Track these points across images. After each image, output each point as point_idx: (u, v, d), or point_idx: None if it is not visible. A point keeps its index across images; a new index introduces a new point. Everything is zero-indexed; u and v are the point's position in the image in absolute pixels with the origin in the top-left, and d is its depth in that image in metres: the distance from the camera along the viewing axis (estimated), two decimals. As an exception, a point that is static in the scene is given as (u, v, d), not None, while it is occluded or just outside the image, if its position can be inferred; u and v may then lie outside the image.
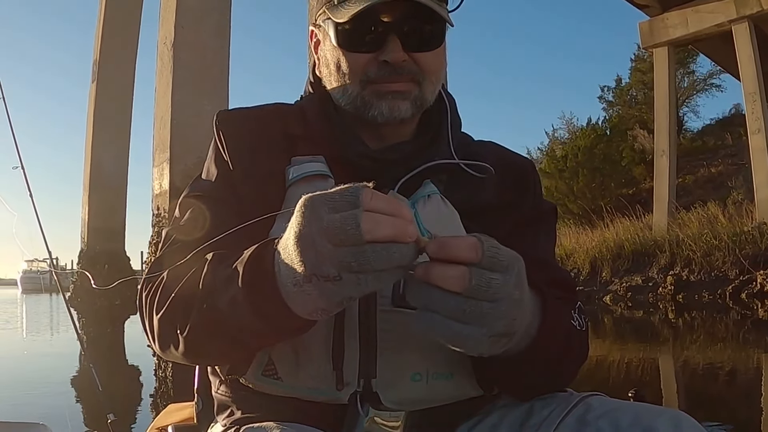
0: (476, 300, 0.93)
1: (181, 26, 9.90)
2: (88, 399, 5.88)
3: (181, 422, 1.86)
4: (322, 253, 0.90)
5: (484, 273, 0.93)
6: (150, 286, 1.27)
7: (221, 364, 1.34)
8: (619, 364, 8.20)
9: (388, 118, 1.31)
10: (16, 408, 5.78)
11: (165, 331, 1.21)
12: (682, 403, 5.93)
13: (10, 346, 11.73)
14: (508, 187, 1.45)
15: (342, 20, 1.26)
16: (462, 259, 0.92)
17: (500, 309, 0.95)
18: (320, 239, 0.90)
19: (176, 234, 1.36)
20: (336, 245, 0.89)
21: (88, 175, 17.89)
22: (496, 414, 1.32)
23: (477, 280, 0.92)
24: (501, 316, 0.96)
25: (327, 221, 0.90)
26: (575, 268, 18.62)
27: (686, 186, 23.08)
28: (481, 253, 0.93)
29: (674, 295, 15.67)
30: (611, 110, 32.43)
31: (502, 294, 0.95)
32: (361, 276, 0.89)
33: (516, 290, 0.98)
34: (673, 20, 19.19)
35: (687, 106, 31.10)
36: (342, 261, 0.89)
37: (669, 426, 1.06)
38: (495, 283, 0.93)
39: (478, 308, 0.93)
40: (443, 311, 0.93)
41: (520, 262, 1.00)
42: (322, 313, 0.98)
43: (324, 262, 0.90)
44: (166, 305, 1.20)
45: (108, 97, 17.39)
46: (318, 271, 0.91)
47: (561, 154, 27.09)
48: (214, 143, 1.45)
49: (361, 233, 0.87)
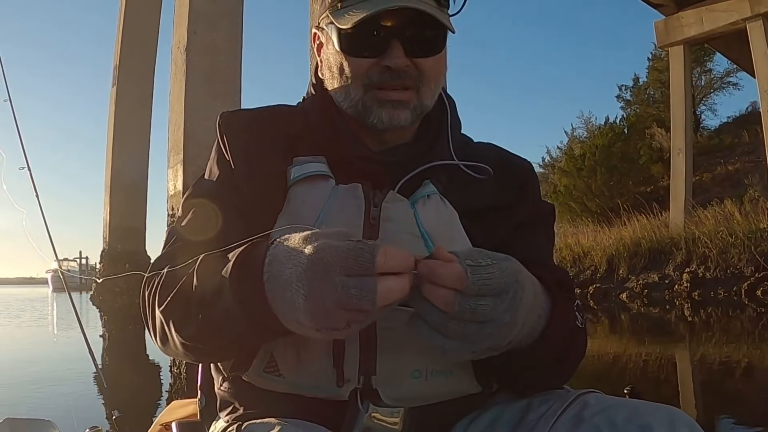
0: (461, 321, 0.98)
1: (193, 31, 9.97)
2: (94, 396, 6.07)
3: (185, 418, 1.91)
4: (332, 315, 0.97)
5: (469, 300, 0.97)
6: (152, 284, 1.29)
7: (221, 362, 1.37)
8: (636, 360, 8.28)
9: (387, 125, 1.33)
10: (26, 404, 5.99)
11: (165, 330, 1.24)
12: (699, 399, 6.01)
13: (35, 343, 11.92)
14: (507, 189, 1.46)
15: (346, 26, 1.27)
16: (448, 287, 0.97)
17: (486, 331, 0.99)
18: (333, 306, 0.96)
19: (179, 233, 1.39)
20: (347, 311, 0.96)
21: (109, 176, 18.05)
22: (495, 410, 1.33)
23: (460, 307, 0.96)
24: (487, 337, 1.01)
25: (341, 290, 0.95)
26: (592, 265, 18.61)
27: (703, 184, 22.88)
28: (467, 283, 0.96)
29: (690, 292, 15.57)
30: (629, 109, 32.27)
31: (490, 317, 0.99)
32: (360, 318, 0.98)
33: (507, 314, 1.01)
34: (688, 19, 19.05)
35: (704, 105, 30.90)
36: (352, 320, 0.97)
37: (664, 422, 1.06)
38: (482, 309, 0.98)
39: (462, 328, 0.98)
40: (430, 323, 0.99)
41: (517, 285, 1.04)
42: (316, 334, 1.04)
43: (333, 321, 0.97)
44: (165, 304, 1.22)
45: (128, 100, 17.55)
46: (327, 325, 0.98)
47: (579, 153, 27.01)
48: (217, 144, 1.47)
49: (375, 303, 0.94)
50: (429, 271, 0.96)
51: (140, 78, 17.69)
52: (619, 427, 1.08)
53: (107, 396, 2.72)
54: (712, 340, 9.98)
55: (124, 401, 5.90)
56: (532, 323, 1.14)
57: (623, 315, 14.43)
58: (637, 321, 13.45)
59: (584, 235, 20.74)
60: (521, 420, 1.25)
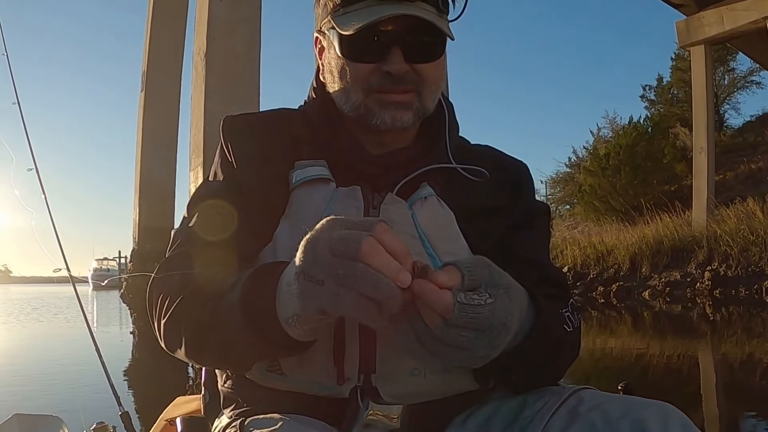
0: (439, 342, 0.97)
1: (213, 37, 10.03)
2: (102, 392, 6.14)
3: (189, 414, 1.92)
4: (318, 257, 0.94)
5: (450, 329, 0.96)
6: (158, 287, 1.30)
7: (221, 369, 1.42)
8: (658, 357, 8.25)
9: (390, 127, 1.34)
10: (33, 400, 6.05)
11: (171, 332, 1.25)
12: (721, 396, 5.99)
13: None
14: (502, 190, 1.48)
15: (347, 32, 1.28)
16: (435, 310, 0.95)
17: (461, 356, 0.99)
18: (322, 246, 0.94)
19: (184, 235, 1.40)
20: (333, 255, 0.92)
21: (138, 178, 18.24)
22: (491, 406, 1.34)
23: (442, 333, 0.96)
24: (460, 360, 1.01)
25: (336, 234, 0.94)
26: (616, 264, 18.64)
27: (726, 182, 22.78)
28: (451, 317, 0.95)
29: (711, 290, 15.56)
30: (653, 109, 32.26)
31: (467, 347, 0.98)
32: (341, 290, 0.92)
33: (484, 349, 1.00)
34: (708, 18, 19.02)
35: (728, 104, 30.81)
36: (331, 268, 0.92)
37: (657, 418, 1.07)
38: (461, 340, 0.97)
39: (437, 347, 0.98)
40: (415, 330, 0.98)
41: (503, 329, 1.01)
42: (297, 321, 1.03)
43: (316, 265, 0.94)
44: (174, 308, 1.23)
45: (155, 105, 17.77)
46: (307, 271, 0.95)
47: (604, 153, 26.97)
48: (220, 148, 1.49)
49: (360, 251, 0.90)
50: (420, 292, 0.94)
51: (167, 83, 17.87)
52: (614, 423, 1.09)
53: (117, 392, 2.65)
54: (733, 338, 9.90)
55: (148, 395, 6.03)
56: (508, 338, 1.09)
57: (645, 313, 14.35)
58: (659, 319, 13.35)
59: (608, 234, 20.77)
60: (517, 416, 1.26)
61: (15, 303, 30.57)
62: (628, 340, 10.22)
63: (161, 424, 2.01)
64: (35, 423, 2.29)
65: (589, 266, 19.65)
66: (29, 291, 55.37)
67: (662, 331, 11.43)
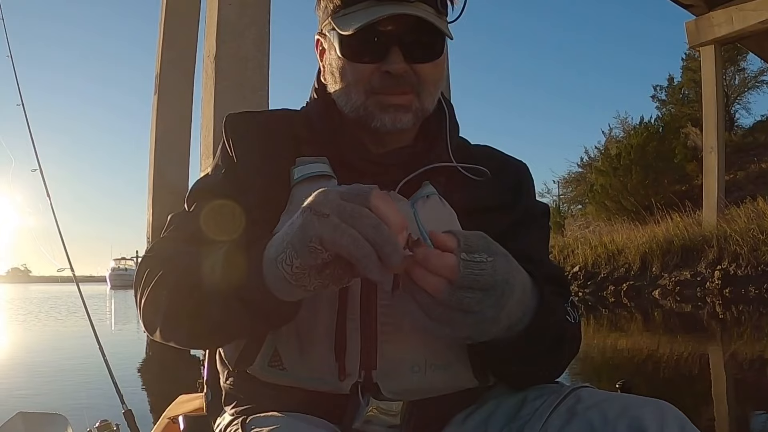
0: (447, 308, 0.99)
1: (222, 40, 9.98)
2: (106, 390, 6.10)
3: (191, 412, 1.91)
4: (328, 197, 0.96)
5: (457, 291, 0.98)
6: (143, 265, 1.30)
7: (197, 346, 1.38)
8: (669, 356, 8.26)
9: (390, 129, 1.34)
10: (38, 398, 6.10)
11: (149, 309, 1.25)
12: (731, 395, 6.01)
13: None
14: (503, 189, 1.47)
15: (347, 33, 1.29)
16: (439, 275, 0.97)
17: (468, 321, 1.01)
18: (333, 193, 0.97)
19: (178, 220, 1.41)
20: (343, 199, 0.95)
21: (151, 179, 18.26)
22: (491, 404, 1.34)
23: (448, 296, 0.98)
24: (468, 326, 1.03)
25: (346, 187, 0.99)
26: (626, 263, 18.70)
27: (737, 181, 22.80)
28: (457, 277, 0.97)
29: (721, 289, 15.60)
30: (664, 109, 32.33)
31: (474, 309, 1.00)
32: (343, 226, 0.92)
33: (491, 309, 1.02)
34: (718, 18, 19.01)
35: (738, 103, 30.83)
36: (339, 206, 0.94)
37: (654, 416, 1.07)
38: (467, 301, 0.99)
39: (446, 315, 0.99)
40: (418, 304, 1.00)
41: (506, 285, 1.04)
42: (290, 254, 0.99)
43: (324, 202, 0.95)
44: (152, 284, 1.23)
45: (168, 107, 17.84)
46: (315, 206, 0.96)
47: (615, 153, 27.03)
48: (222, 144, 1.48)
49: (369, 199, 0.94)
50: (423, 258, 0.97)
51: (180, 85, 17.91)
52: (611, 421, 1.09)
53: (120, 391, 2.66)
54: (743, 337, 9.92)
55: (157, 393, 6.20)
56: (515, 320, 1.14)
57: (656, 312, 14.38)
58: (670, 318, 13.36)
59: (619, 234, 20.80)
60: (516, 413, 1.26)
61: (34, 302, 30.74)
62: (638, 339, 10.24)
63: (164, 422, 2.01)
64: (39, 421, 2.32)
65: (600, 265, 19.71)
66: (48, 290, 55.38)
67: (672, 330, 11.42)
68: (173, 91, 17.89)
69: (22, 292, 50.94)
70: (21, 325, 16.98)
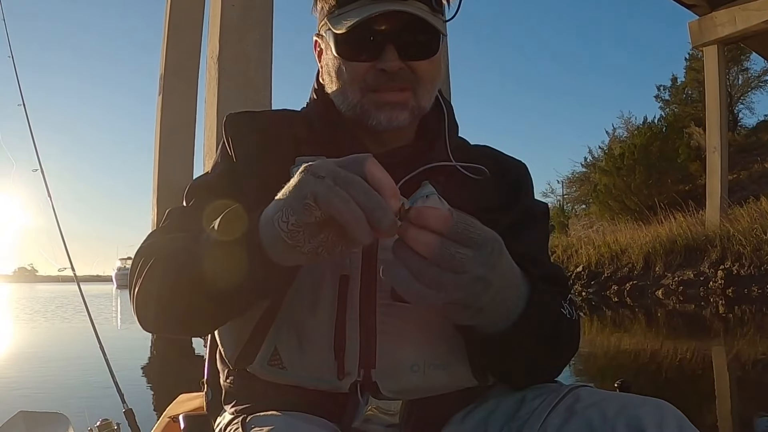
0: (438, 268, 0.97)
1: (225, 41, 9.97)
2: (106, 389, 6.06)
3: (192, 411, 1.92)
4: (326, 162, 0.98)
5: (450, 245, 0.97)
6: (137, 256, 1.30)
7: (191, 327, 1.32)
8: (672, 356, 8.28)
9: (386, 127, 1.34)
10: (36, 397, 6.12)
11: (142, 298, 1.25)
12: (735, 395, 6.01)
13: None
14: (502, 189, 1.47)
15: (341, 31, 1.30)
16: (431, 227, 0.96)
17: (461, 282, 0.98)
18: (331, 161, 0.99)
19: (175, 214, 1.42)
20: (339, 166, 0.97)
21: (156, 179, 18.25)
22: (490, 403, 1.33)
23: (442, 250, 0.96)
24: (461, 288, 0.99)
25: (341, 159, 1.00)
26: (629, 263, 18.76)
27: (740, 181, 22.73)
28: (451, 226, 0.97)
29: (724, 289, 15.67)
30: (667, 109, 32.37)
31: (466, 268, 0.98)
32: (336, 188, 0.93)
33: (482, 268, 1.00)
34: (721, 18, 18.99)
35: (742, 103, 30.91)
36: (335, 170, 0.95)
37: (653, 414, 1.07)
38: (460, 257, 0.97)
39: (438, 276, 0.97)
40: (410, 269, 0.98)
41: (497, 243, 1.03)
42: (286, 211, 0.99)
43: (321, 166, 0.97)
44: (145, 272, 1.23)
45: (173, 108, 17.86)
46: (312, 168, 0.97)
47: (619, 153, 27.07)
48: (222, 144, 1.48)
49: (364, 165, 0.96)
50: (417, 213, 0.97)
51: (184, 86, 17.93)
52: (610, 420, 1.09)
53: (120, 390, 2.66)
54: (746, 337, 9.94)
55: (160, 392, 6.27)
56: (508, 299, 1.13)
57: (659, 311, 14.37)
58: (673, 317, 13.37)
59: (622, 233, 20.85)
60: (516, 412, 1.25)
61: (40, 301, 30.82)
62: (641, 339, 10.25)
63: (164, 421, 2.02)
64: (40, 420, 2.33)
65: (603, 265, 19.77)
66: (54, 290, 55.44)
67: (675, 329, 11.44)
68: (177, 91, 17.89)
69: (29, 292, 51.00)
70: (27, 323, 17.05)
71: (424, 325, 1.28)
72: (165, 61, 17.70)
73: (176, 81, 17.76)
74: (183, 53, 17.68)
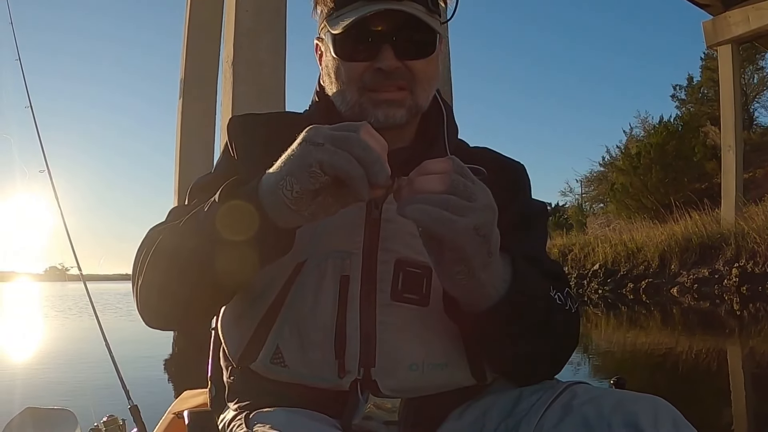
0: (457, 197, 1.02)
1: (239, 45, 10.08)
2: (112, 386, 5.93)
3: (196, 408, 1.93)
4: (321, 129, 1.03)
5: (459, 178, 1.03)
6: (138, 251, 1.33)
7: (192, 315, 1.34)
8: (687, 353, 8.34)
9: (383, 124, 1.34)
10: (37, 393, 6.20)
11: (144, 292, 1.28)
12: (750, 390, 5.99)
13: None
14: (501, 189, 1.37)
15: (337, 32, 1.31)
16: (439, 168, 1.04)
17: (477, 206, 1.03)
18: (326, 128, 1.03)
19: (176, 212, 1.41)
20: (334, 130, 1.02)
21: (177, 181, 18.37)
22: (487, 400, 1.34)
23: (455, 180, 1.03)
24: (480, 211, 1.04)
25: (334, 125, 1.04)
26: (645, 261, 18.75)
27: (756, 179, 22.77)
28: (453, 164, 1.04)
29: (739, 287, 15.67)
30: (684, 108, 32.32)
31: (477, 195, 1.04)
32: (338, 152, 0.99)
33: (486, 197, 1.06)
34: (735, 18, 19.02)
35: (757, 102, 30.85)
36: (331, 134, 1.01)
37: (648, 410, 1.08)
38: (470, 187, 1.04)
39: (460, 203, 1.02)
40: (431, 202, 1.02)
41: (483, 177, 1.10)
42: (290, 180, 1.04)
43: (318, 133, 1.02)
44: (147, 262, 1.26)
45: (193, 111, 18.01)
46: (309, 138, 1.02)
47: (636, 152, 27.13)
48: (225, 145, 1.51)
49: (359, 128, 1.01)
50: (420, 167, 1.04)
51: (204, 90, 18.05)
52: (606, 416, 1.09)
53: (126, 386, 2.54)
54: (761, 334, 9.93)
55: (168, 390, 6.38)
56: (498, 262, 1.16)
57: (674, 309, 14.43)
58: (688, 315, 13.41)
59: (639, 232, 20.84)
60: (513, 409, 1.26)
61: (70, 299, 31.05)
62: (656, 336, 10.29)
63: (169, 418, 2.05)
64: (47, 416, 2.34)
65: (619, 263, 19.76)
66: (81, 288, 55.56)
67: (690, 327, 11.46)
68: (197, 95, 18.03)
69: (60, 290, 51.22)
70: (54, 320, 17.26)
71: (423, 325, 1.30)
72: (185, 64, 17.81)
73: (196, 84, 17.89)
74: (202, 57, 17.79)
